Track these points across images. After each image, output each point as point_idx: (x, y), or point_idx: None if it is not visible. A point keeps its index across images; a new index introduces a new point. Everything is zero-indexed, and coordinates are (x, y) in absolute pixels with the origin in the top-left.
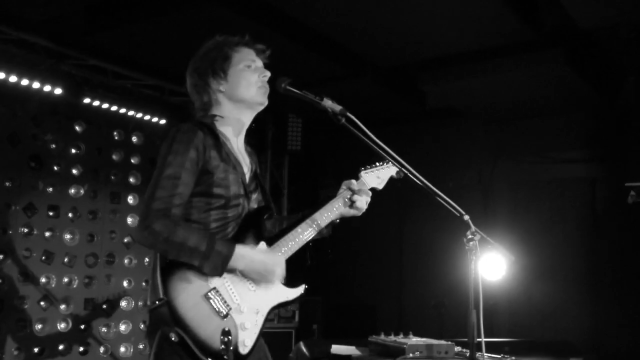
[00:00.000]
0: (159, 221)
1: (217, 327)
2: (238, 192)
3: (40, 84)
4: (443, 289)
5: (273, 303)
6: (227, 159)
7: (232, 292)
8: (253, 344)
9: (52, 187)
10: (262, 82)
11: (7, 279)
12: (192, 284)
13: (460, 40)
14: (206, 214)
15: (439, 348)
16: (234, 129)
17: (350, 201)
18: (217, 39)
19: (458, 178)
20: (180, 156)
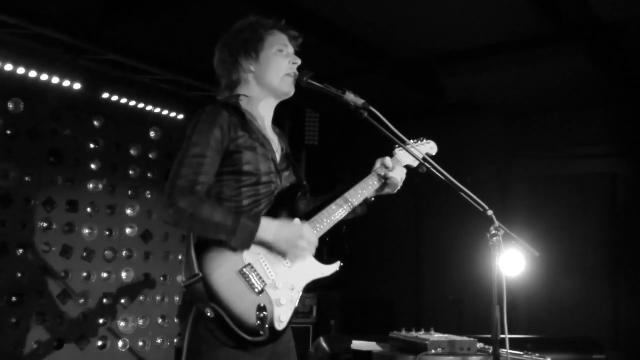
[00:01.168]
0: (184, 198)
1: (252, 303)
2: (268, 169)
3: (59, 79)
4: (461, 284)
5: (308, 279)
6: (255, 137)
7: (267, 268)
8: (288, 319)
9: (70, 182)
10: (291, 69)
11: (27, 272)
12: (226, 260)
13: (481, 33)
14: (237, 191)
15: (461, 344)
16: (261, 110)
17: (384, 178)
18: (251, 19)
19: (476, 173)
20: (204, 135)
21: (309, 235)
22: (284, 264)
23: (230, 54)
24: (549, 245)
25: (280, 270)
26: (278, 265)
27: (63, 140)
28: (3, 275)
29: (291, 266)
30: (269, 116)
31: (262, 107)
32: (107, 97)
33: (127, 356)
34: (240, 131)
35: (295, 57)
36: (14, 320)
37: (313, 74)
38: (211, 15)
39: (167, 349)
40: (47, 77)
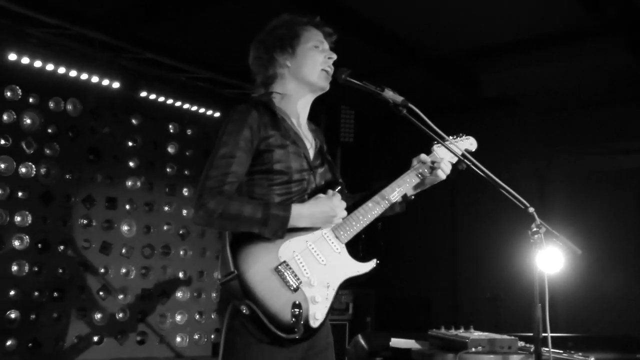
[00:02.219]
0: (212, 199)
1: (287, 301)
2: (300, 167)
3: (99, 78)
4: (498, 281)
5: (344, 277)
6: (286, 135)
7: (302, 266)
8: (324, 317)
9: (109, 180)
10: (327, 64)
11: (68, 269)
12: (262, 257)
13: (518, 28)
14: (268, 190)
15: (501, 343)
16: (296, 106)
17: (430, 168)
18: (285, 17)
19: (513, 169)
20: (234, 136)
21: (341, 210)
22: (319, 261)
23: (266, 50)
24: (589, 242)
25: (315, 267)
26: (313, 263)
27: (102, 139)
28: (45, 271)
29: (327, 264)
30: (305, 112)
31: (298, 103)
32: (145, 96)
33: (165, 351)
34: (271, 130)
35: (331, 53)
36: (55, 315)
37: (351, 72)
38: (247, 14)
39: (204, 345)
40: (86, 77)
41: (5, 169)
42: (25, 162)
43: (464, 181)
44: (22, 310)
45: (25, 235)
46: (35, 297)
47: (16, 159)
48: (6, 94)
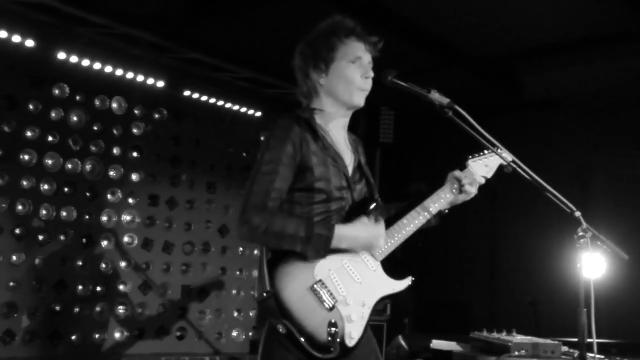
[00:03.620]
0: (257, 215)
1: (323, 320)
2: (340, 184)
3: (144, 77)
4: (538, 285)
5: (379, 295)
6: (327, 152)
7: (337, 284)
8: (360, 336)
9: (152, 177)
10: (363, 84)
11: (112, 264)
12: (298, 276)
13: (560, 29)
14: (309, 208)
15: (545, 347)
16: (335, 122)
17: (460, 186)
18: (328, 23)
19: (554, 171)
20: (277, 151)
21: (383, 238)
22: (355, 279)
23: (303, 63)
24: (632, 246)
25: (351, 286)
26: (349, 281)
27: (145, 136)
28: (89, 266)
29: (362, 282)
30: (344, 127)
31: (336, 119)
32: (188, 95)
33: (203, 347)
34: (313, 146)
35: (369, 70)
36: (98, 309)
37: (397, 73)
38: (290, 14)
39: (242, 342)
40: (132, 75)
41: (52, 165)
42: (71, 158)
43: (504, 183)
44: (66, 303)
45: (71, 230)
46: (79, 290)
47: (63, 155)
48: (54, 92)
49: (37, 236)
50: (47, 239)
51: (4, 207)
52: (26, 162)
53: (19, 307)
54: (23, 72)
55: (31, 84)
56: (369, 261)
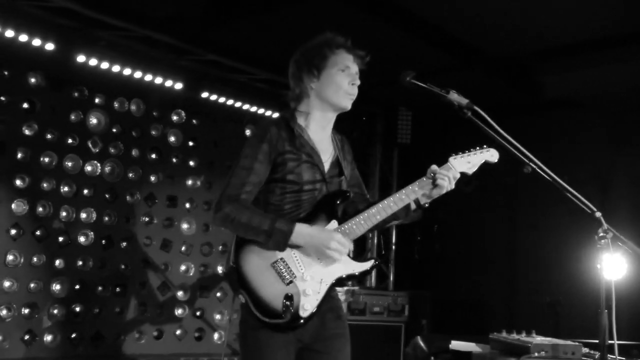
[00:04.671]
0: (229, 205)
1: (280, 292)
2: (312, 178)
3: (162, 79)
4: (557, 286)
5: (338, 274)
6: (302, 149)
7: (297, 262)
8: (314, 308)
9: (170, 178)
10: (350, 89)
11: (130, 265)
12: (260, 254)
13: (580, 28)
14: (281, 197)
15: (565, 348)
16: (317, 122)
17: (433, 180)
18: (320, 38)
19: (574, 172)
20: (254, 149)
21: (340, 241)
22: (316, 259)
23: (297, 69)
24: None
25: (310, 264)
26: (309, 260)
27: (163, 138)
28: (108, 267)
29: (322, 261)
30: (328, 127)
31: (320, 119)
32: (206, 97)
33: (222, 348)
34: (288, 145)
35: (356, 78)
36: (117, 310)
37: (415, 74)
38: (306, 16)
39: None
40: (150, 78)
41: (72, 167)
42: (90, 160)
43: (523, 183)
44: (86, 304)
45: (90, 231)
46: (98, 291)
47: (82, 157)
48: (74, 95)
49: (58, 237)
50: (67, 241)
51: (25, 208)
52: (46, 164)
53: (40, 308)
54: (43, 75)
55: (51, 87)
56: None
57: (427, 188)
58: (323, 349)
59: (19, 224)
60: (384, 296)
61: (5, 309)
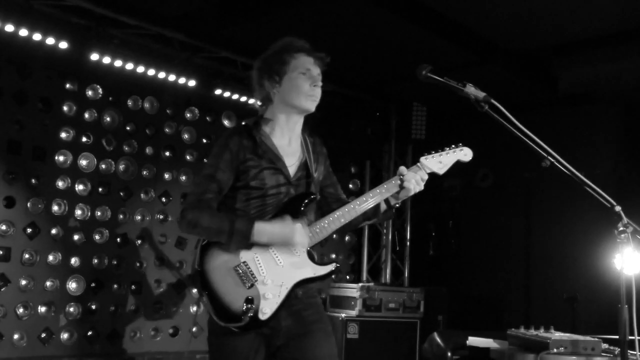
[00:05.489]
0: (191, 212)
1: (240, 295)
2: (277, 182)
3: (176, 77)
4: (574, 282)
5: (298, 278)
6: (263, 156)
7: (259, 266)
8: (273, 312)
9: (185, 176)
10: (311, 91)
11: (146, 262)
12: (223, 257)
13: (597, 22)
14: (246, 203)
15: (584, 344)
16: (282, 127)
17: (401, 182)
18: (280, 43)
19: (590, 167)
20: (216, 158)
21: (299, 229)
22: (276, 262)
23: (259, 77)
24: None
25: (272, 268)
26: (271, 265)
27: (177, 136)
28: (124, 265)
29: (284, 266)
30: (294, 131)
31: (285, 124)
32: (219, 94)
33: None
34: (249, 153)
35: (317, 80)
36: (133, 308)
37: (432, 68)
38: (320, 12)
39: None
40: (164, 75)
41: (86, 165)
42: (105, 158)
43: (538, 178)
44: (102, 302)
45: (105, 229)
46: (114, 289)
47: (97, 155)
48: (88, 93)
49: (73, 236)
50: (82, 239)
51: (41, 207)
52: (61, 163)
53: (56, 307)
54: (57, 74)
55: (65, 86)
56: (295, 248)
57: (395, 190)
58: (300, 345)
59: (35, 222)
60: (400, 292)
61: (22, 307)
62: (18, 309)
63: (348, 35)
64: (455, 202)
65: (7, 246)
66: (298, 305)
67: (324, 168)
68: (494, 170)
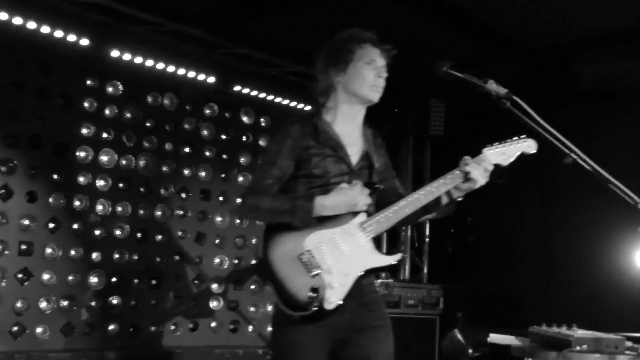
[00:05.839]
0: (252, 196)
1: (306, 284)
2: (340, 171)
3: (195, 73)
4: (595, 279)
5: (364, 267)
6: (326, 144)
7: (324, 255)
8: (339, 302)
9: (204, 172)
10: (376, 82)
11: (165, 258)
12: (287, 246)
13: (616, 18)
14: (309, 192)
15: (608, 342)
16: (345, 116)
17: (465, 173)
18: (347, 33)
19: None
20: (278, 145)
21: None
22: (342, 252)
23: (324, 65)
24: None
25: (337, 257)
26: (336, 254)
27: (197, 132)
28: (144, 260)
29: (349, 255)
30: (356, 120)
31: (348, 114)
32: (238, 90)
33: (257, 341)
34: (312, 141)
35: (382, 71)
36: (153, 303)
37: (452, 64)
38: (338, 8)
39: None
40: (183, 72)
41: (107, 161)
42: (126, 154)
43: (559, 175)
44: (123, 297)
45: (126, 225)
46: (135, 284)
47: (117, 151)
48: (108, 90)
49: (94, 231)
50: (103, 234)
51: (62, 203)
52: (82, 159)
53: (78, 301)
54: (78, 71)
55: (86, 83)
56: (360, 237)
57: (459, 181)
58: (361, 341)
59: (57, 217)
60: (419, 289)
61: (45, 302)
62: (41, 303)
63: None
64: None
65: (29, 241)
66: (362, 299)
67: (383, 161)
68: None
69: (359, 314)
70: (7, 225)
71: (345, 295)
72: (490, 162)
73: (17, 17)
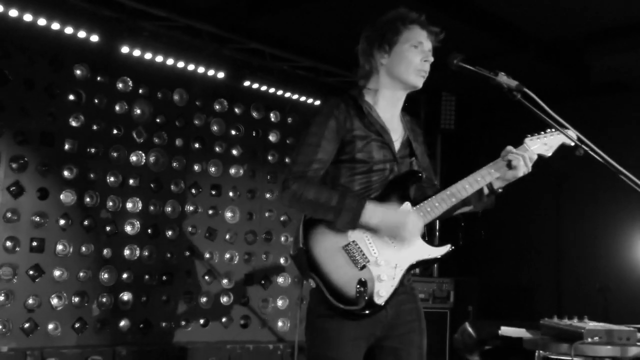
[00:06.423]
0: (296, 182)
1: (353, 277)
2: (384, 157)
3: (205, 69)
4: (606, 271)
5: (413, 259)
6: (371, 127)
7: (371, 246)
8: (389, 295)
9: (214, 167)
10: (421, 66)
11: (176, 253)
12: (331, 236)
13: (630, 9)
14: (351, 179)
15: (619, 334)
16: (387, 100)
17: (509, 162)
18: (393, 13)
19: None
20: (321, 126)
21: (414, 222)
22: (389, 242)
23: (368, 45)
24: None
25: (385, 249)
26: (382, 244)
27: (207, 128)
28: (155, 256)
29: (397, 245)
30: (397, 106)
31: (390, 98)
32: (248, 85)
33: (267, 336)
34: (357, 122)
35: (429, 55)
36: (164, 298)
37: (464, 57)
38: (348, 3)
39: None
40: (193, 67)
41: (117, 157)
42: (136, 150)
43: (569, 167)
44: (134, 293)
45: (137, 221)
46: (145, 280)
47: (127, 147)
48: (118, 86)
49: (105, 227)
50: (114, 230)
51: (73, 199)
52: (93, 155)
53: (89, 297)
54: (89, 67)
55: (96, 78)
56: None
57: (502, 170)
58: (398, 345)
59: (68, 214)
60: (429, 283)
61: (57, 298)
62: (52, 299)
63: None
64: None
65: (41, 237)
66: (401, 295)
67: (421, 149)
68: None
69: (396, 313)
70: (18, 221)
71: (394, 289)
72: (534, 152)
73: (28, 13)
